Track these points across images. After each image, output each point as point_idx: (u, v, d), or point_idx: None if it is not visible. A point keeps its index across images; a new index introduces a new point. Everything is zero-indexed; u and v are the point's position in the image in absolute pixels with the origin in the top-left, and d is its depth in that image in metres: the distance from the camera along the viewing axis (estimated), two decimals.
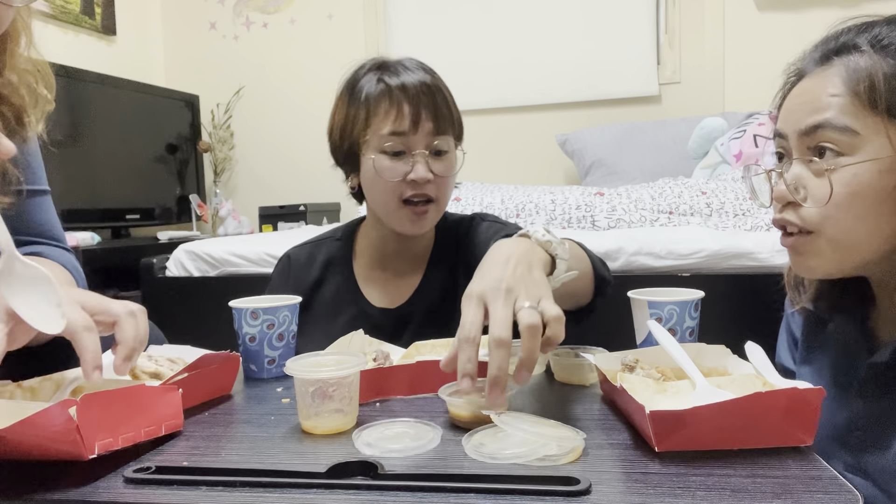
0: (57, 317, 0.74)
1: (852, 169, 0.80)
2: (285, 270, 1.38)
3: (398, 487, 0.62)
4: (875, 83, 0.79)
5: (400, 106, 1.20)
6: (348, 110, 1.26)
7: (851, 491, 0.59)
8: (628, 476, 0.64)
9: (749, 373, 0.81)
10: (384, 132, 1.20)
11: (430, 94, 1.22)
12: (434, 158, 1.23)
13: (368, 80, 1.25)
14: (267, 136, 3.97)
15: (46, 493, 0.64)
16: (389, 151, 1.21)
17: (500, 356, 0.75)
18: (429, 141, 1.22)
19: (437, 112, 1.22)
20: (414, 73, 1.24)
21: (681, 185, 2.35)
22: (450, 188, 1.27)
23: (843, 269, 0.86)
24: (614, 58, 3.44)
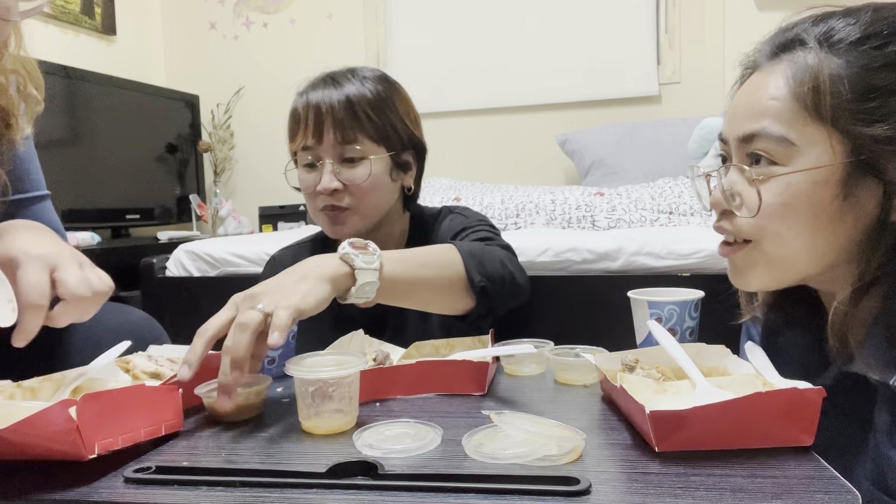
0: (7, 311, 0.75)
1: (785, 179, 0.77)
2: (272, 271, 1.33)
3: (398, 487, 0.62)
4: (819, 86, 0.75)
5: (306, 121, 1.27)
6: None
7: (851, 491, 0.59)
8: (628, 476, 0.64)
9: (749, 373, 0.81)
10: (296, 148, 1.31)
11: (332, 105, 1.25)
12: (345, 167, 1.27)
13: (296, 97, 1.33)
14: (267, 136, 3.96)
15: (46, 493, 0.64)
16: (305, 164, 1.30)
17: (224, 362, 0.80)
18: (336, 150, 1.26)
19: (338, 122, 1.24)
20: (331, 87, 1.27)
21: (681, 185, 2.35)
22: (371, 194, 1.28)
23: (779, 283, 0.84)
24: (614, 58, 3.44)
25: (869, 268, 0.76)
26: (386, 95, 1.30)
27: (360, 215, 1.29)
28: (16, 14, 0.89)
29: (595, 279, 1.85)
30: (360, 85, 1.29)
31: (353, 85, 1.28)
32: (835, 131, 0.74)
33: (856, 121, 0.73)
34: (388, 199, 1.33)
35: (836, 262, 0.80)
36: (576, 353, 1.00)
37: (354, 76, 1.31)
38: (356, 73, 1.32)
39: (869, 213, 0.76)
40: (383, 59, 3.76)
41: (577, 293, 1.83)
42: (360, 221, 1.29)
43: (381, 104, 1.29)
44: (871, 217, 0.76)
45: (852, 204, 0.76)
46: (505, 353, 1.00)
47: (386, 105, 1.30)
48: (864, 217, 0.76)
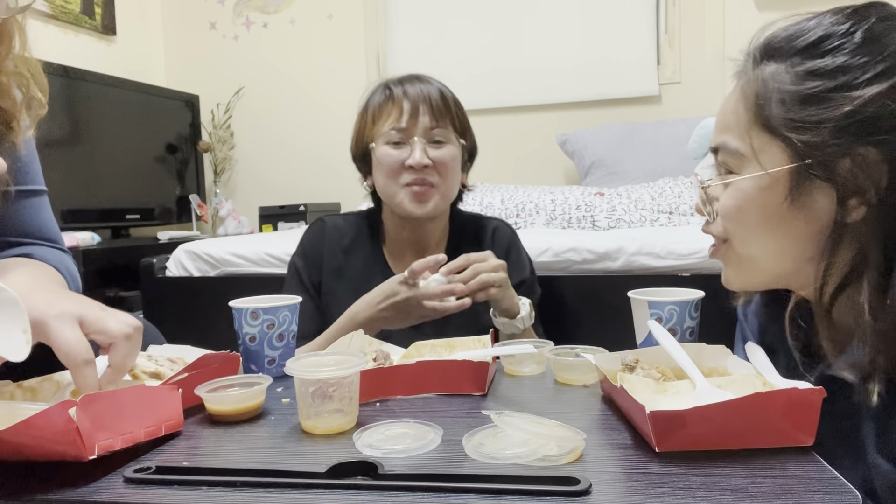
0: (22, 344, 0.71)
1: (738, 184, 0.83)
2: (321, 232, 1.49)
3: (398, 487, 0.62)
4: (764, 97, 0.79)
5: (399, 105, 1.38)
6: (362, 119, 1.45)
7: (851, 491, 0.59)
8: (628, 476, 0.64)
9: (749, 373, 0.81)
10: (386, 128, 1.38)
11: (428, 94, 1.38)
12: (433, 146, 1.37)
13: (377, 93, 1.43)
14: (267, 136, 3.97)
15: (46, 493, 0.64)
16: (391, 142, 1.37)
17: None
18: (427, 133, 1.37)
19: (434, 108, 1.37)
20: (421, 83, 1.40)
21: (681, 185, 2.35)
22: (452, 175, 1.40)
23: (755, 282, 0.88)
24: (614, 58, 3.44)
25: (831, 269, 0.79)
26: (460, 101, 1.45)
27: (441, 195, 1.39)
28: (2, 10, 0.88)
29: (595, 279, 1.85)
30: (442, 86, 1.43)
31: (439, 84, 1.42)
32: (777, 139, 0.78)
33: (794, 128, 0.77)
34: (457, 188, 1.46)
35: (799, 263, 0.82)
36: (576, 353, 1.00)
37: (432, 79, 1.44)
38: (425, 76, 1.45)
39: (823, 216, 0.78)
40: (383, 59, 3.76)
41: (577, 293, 1.83)
42: (441, 201, 1.40)
43: (460, 105, 1.45)
44: (828, 219, 0.78)
45: (802, 207, 0.79)
46: (505, 353, 1.00)
47: (462, 108, 1.45)
48: (818, 219, 0.78)
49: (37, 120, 1.00)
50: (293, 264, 1.48)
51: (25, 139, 1.02)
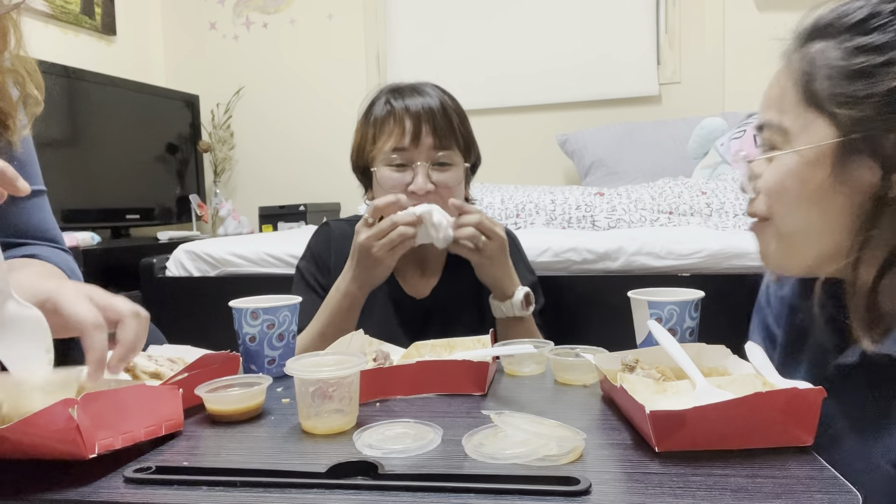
0: (44, 363, 0.73)
1: (782, 159, 0.83)
2: (327, 237, 1.47)
3: (398, 487, 0.63)
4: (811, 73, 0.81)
5: (402, 123, 1.31)
6: (363, 131, 1.40)
7: (851, 491, 0.59)
8: (628, 476, 0.64)
9: (749, 373, 0.81)
10: (387, 148, 1.32)
11: (432, 113, 1.32)
12: (436, 170, 1.32)
13: (378, 104, 1.38)
14: (267, 136, 3.97)
15: (46, 492, 0.64)
16: (392, 164, 1.32)
17: None
18: (430, 155, 1.32)
19: (437, 129, 1.31)
20: (422, 96, 1.34)
21: (681, 185, 2.35)
22: (455, 197, 1.33)
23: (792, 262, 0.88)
24: (614, 58, 3.44)
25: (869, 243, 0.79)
26: (464, 113, 1.40)
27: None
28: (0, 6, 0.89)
29: (595, 279, 1.85)
30: (445, 96, 1.38)
31: (441, 95, 1.37)
32: (823, 115, 0.79)
33: (841, 104, 0.77)
34: None
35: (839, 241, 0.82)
36: (576, 353, 1.00)
37: (433, 89, 1.38)
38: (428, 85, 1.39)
39: (866, 191, 0.78)
40: (383, 59, 3.76)
41: (577, 293, 1.84)
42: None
43: (464, 119, 1.39)
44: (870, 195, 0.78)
45: (845, 182, 0.79)
46: (505, 353, 1.00)
47: (467, 121, 1.40)
48: (861, 194, 0.79)
49: (33, 118, 1.00)
50: (300, 268, 1.46)
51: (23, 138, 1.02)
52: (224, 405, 0.85)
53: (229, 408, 0.84)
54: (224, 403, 0.85)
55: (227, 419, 0.84)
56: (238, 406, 0.85)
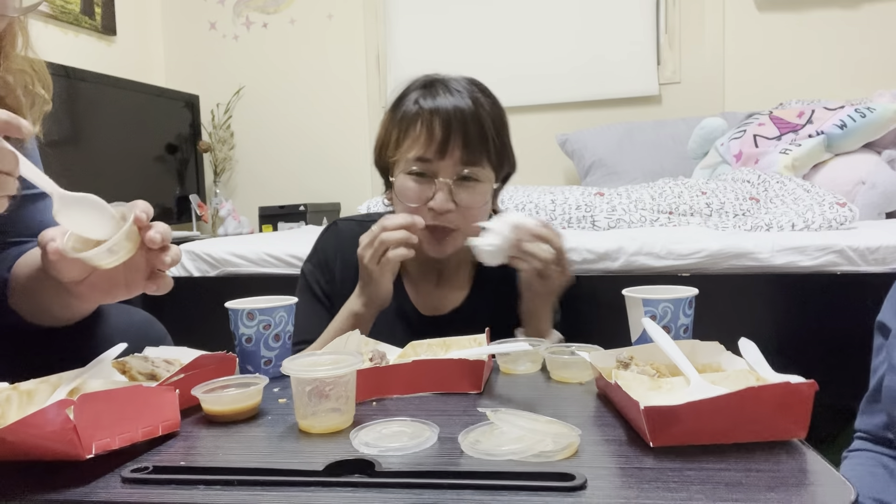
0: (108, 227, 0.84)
1: None
2: (334, 239, 1.38)
3: (395, 485, 0.63)
4: None
5: (430, 131, 1.19)
6: (388, 128, 1.27)
7: (844, 483, 0.59)
8: (623, 471, 0.64)
9: (742, 368, 0.82)
10: (411, 156, 1.21)
11: (464, 120, 1.18)
12: (460, 186, 1.21)
13: (408, 100, 1.24)
14: (267, 136, 3.97)
15: (44, 493, 0.64)
16: (414, 174, 1.21)
17: None
18: (456, 169, 1.20)
19: (467, 140, 1.19)
20: (454, 95, 1.21)
21: (681, 185, 2.35)
22: (477, 218, 1.23)
23: None
24: (614, 58, 3.44)
25: None
26: (503, 117, 1.27)
27: (464, 235, 1.23)
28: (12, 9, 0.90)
29: (595, 279, 1.86)
30: (482, 96, 1.24)
31: (476, 96, 1.22)
32: None
33: None
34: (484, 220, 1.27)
35: None
36: (571, 351, 1.00)
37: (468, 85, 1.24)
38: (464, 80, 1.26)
39: None
40: (383, 59, 3.76)
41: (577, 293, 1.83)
42: (461, 241, 1.24)
43: (501, 127, 1.26)
44: None
45: None
46: (500, 351, 1.00)
47: (504, 128, 1.27)
48: None
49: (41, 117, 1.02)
50: (304, 272, 1.38)
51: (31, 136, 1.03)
52: (221, 405, 0.85)
53: (226, 408, 0.85)
54: (220, 404, 0.85)
55: (223, 419, 0.85)
56: (234, 406, 0.85)
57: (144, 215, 0.84)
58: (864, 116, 2.42)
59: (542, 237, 1.14)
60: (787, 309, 1.81)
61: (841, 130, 2.43)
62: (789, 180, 2.25)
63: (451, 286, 1.36)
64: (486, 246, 1.13)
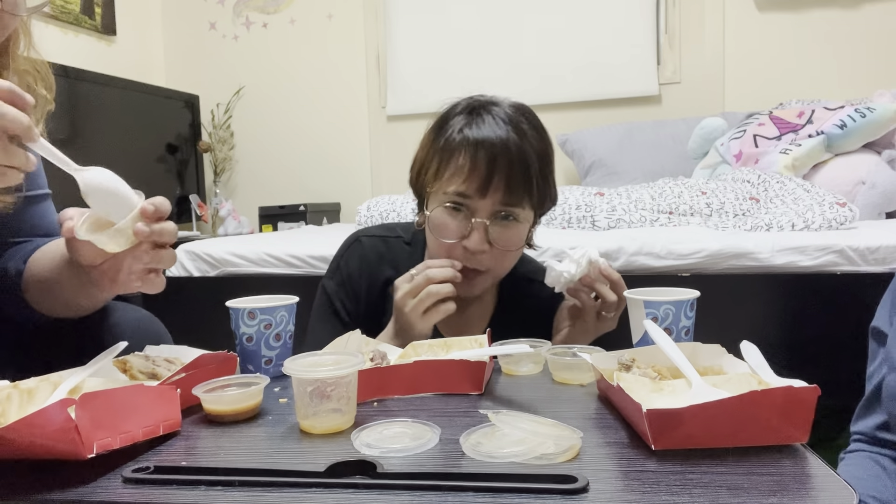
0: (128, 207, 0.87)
1: None
2: (359, 258, 1.31)
3: (397, 486, 0.63)
4: None
5: (473, 165, 1.13)
6: (428, 151, 1.21)
7: (846, 488, 0.59)
8: (625, 474, 0.64)
9: (744, 372, 0.82)
10: (451, 189, 1.16)
11: (509, 157, 1.13)
12: (497, 225, 1.17)
13: (453, 125, 1.18)
14: (267, 136, 3.97)
15: (45, 493, 0.64)
16: (450, 206, 1.17)
17: None
18: (496, 208, 1.16)
19: (511, 180, 1.14)
20: (500, 127, 1.15)
21: (681, 185, 2.35)
22: (510, 259, 1.22)
23: None
24: (614, 58, 3.44)
25: None
26: (549, 152, 1.22)
27: (493, 276, 1.22)
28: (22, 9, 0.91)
29: None
30: (530, 129, 1.18)
31: (522, 128, 1.16)
32: None
33: None
34: (516, 261, 1.26)
35: None
36: (573, 353, 1.00)
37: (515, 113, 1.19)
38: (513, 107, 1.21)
39: None
40: (383, 59, 3.76)
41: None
42: (490, 282, 1.24)
43: (546, 165, 1.20)
44: None
45: None
46: (502, 352, 1.00)
47: (549, 165, 1.21)
48: None
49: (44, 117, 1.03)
50: (326, 289, 1.32)
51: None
52: (221, 405, 0.85)
53: (227, 408, 0.85)
54: (221, 403, 0.85)
55: (224, 419, 0.85)
56: (235, 406, 0.85)
57: (152, 207, 0.86)
58: (864, 116, 2.42)
59: (611, 279, 1.15)
60: (787, 309, 1.81)
61: (841, 130, 2.43)
62: (789, 180, 2.25)
63: (476, 307, 1.32)
64: (564, 272, 1.14)
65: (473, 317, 1.32)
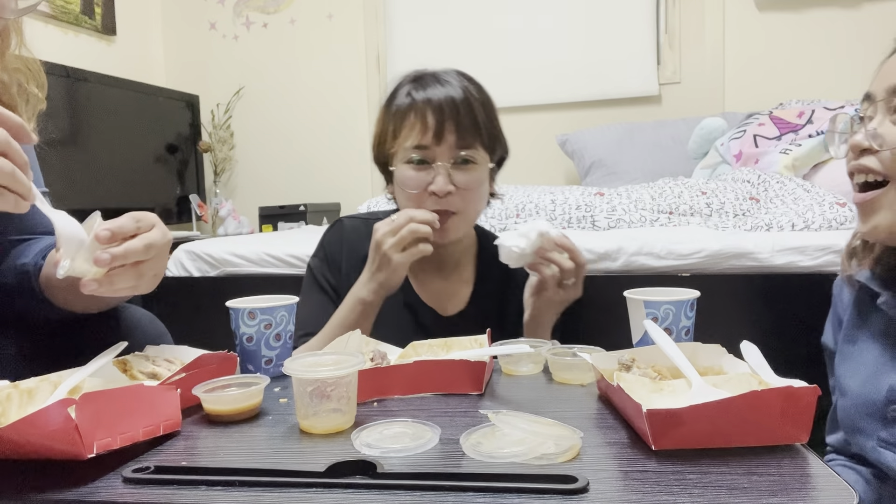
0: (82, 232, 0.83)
1: None
2: (340, 235, 1.41)
3: (397, 486, 0.63)
4: None
5: (424, 119, 1.25)
6: (384, 122, 1.32)
7: (847, 489, 0.59)
8: (625, 474, 0.64)
9: (745, 372, 0.82)
10: (408, 145, 1.26)
11: (455, 106, 1.24)
12: (458, 170, 1.26)
13: (401, 94, 1.30)
14: (267, 136, 3.97)
15: (46, 493, 0.64)
16: (413, 162, 1.26)
17: None
18: (453, 153, 1.25)
19: (461, 125, 1.24)
20: (444, 86, 1.27)
21: (681, 185, 2.35)
22: (477, 200, 1.30)
23: None
24: (614, 58, 3.44)
25: None
26: (492, 104, 1.32)
27: (465, 219, 1.29)
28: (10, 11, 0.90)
29: (595, 279, 1.85)
30: (471, 85, 1.30)
31: (464, 83, 1.29)
32: None
33: None
34: (483, 206, 1.36)
35: None
36: (573, 353, 1.00)
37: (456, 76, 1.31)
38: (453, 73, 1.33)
39: None
40: (383, 59, 3.76)
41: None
42: (463, 225, 1.30)
43: (490, 110, 1.31)
44: None
45: None
46: (502, 352, 1.00)
47: (493, 113, 1.32)
48: None
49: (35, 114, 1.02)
50: (311, 267, 1.41)
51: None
52: (222, 405, 0.85)
53: (227, 408, 0.85)
54: (222, 403, 0.85)
55: (224, 419, 0.85)
56: (236, 406, 0.85)
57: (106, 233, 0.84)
58: None
59: (566, 248, 1.20)
60: (787, 309, 1.81)
61: None
62: (789, 180, 2.25)
63: (456, 281, 1.39)
64: (513, 247, 1.17)
65: (455, 288, 1.39)
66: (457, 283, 1.39)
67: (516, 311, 1.32)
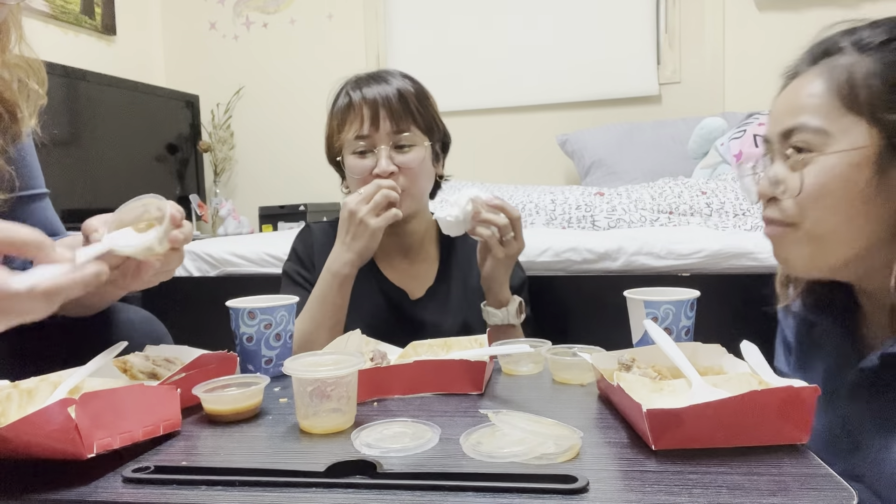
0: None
1: (822, 161, 0.84)
2: (309, 238, 1.52)
3: (397, 486, 0.63)
4: (854, 81, 0.84)
5: (359, 112, 1.37)
6: (329, 124, 1.48)
7: (847, 489, 0.59)
8: (625, 474, 0.64)
9: (744, 371, 0.82)
10: (350, 137, 1.38)
11: (388, 99, 1.36)
12: (398, 152, 1.36)
13: (340, 96, 1.45)
14: (267, 136, 3.97)
15: (46, 492, 0.64)
16: (357, 152, 1.38)
17: None
18: (391, 138, 1.36)
19: (394, 113, 1.36)
20: (379, 84, 1.39)
21: (681, 185, 2.35)
22: (421, 177, 1.40)
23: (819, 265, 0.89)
24: (614, 58, 3.44)
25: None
26: (426, 94, 1.44)
27: (412, 197, 1.38)
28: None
29: (595, 279, 1.85)
30: (404, 81, 1.41)
31: (399, 81, 1.40)
32: (867, 119, 0.82)
33: (886, 109, 0.81)
34: (430, 185, 1.46)
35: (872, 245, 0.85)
36: (573, 353, 1.00)
37: (395, 75, 1.43)
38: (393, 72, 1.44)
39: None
40: (383, 59, 3.76)
41: (576, 293, 1.84)
42: (412, 202, 1.39)
43: (423, 98, 1.42)
44: None
45: (885, 186, 0.82)
46: (502, 352, 1.00)
47: (427, 99, 1.43)
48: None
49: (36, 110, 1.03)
50: (286, 270, 1.49)
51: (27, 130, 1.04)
52: (222, 405, 0.85)
53: (227, 408, 0.85)
54: (222, 403, 0.85)
55: (224, 419, 0.85)
56: (236, 406, 0.85)
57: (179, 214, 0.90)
58: None
59: (498, 207, 1.27)
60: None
61: None
62: None
63: (422, 261, 1.49)
64: (448, 217, 1.25)
65: (422, 269, 1.49)
66: (423, 264, 1.49)
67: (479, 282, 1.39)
